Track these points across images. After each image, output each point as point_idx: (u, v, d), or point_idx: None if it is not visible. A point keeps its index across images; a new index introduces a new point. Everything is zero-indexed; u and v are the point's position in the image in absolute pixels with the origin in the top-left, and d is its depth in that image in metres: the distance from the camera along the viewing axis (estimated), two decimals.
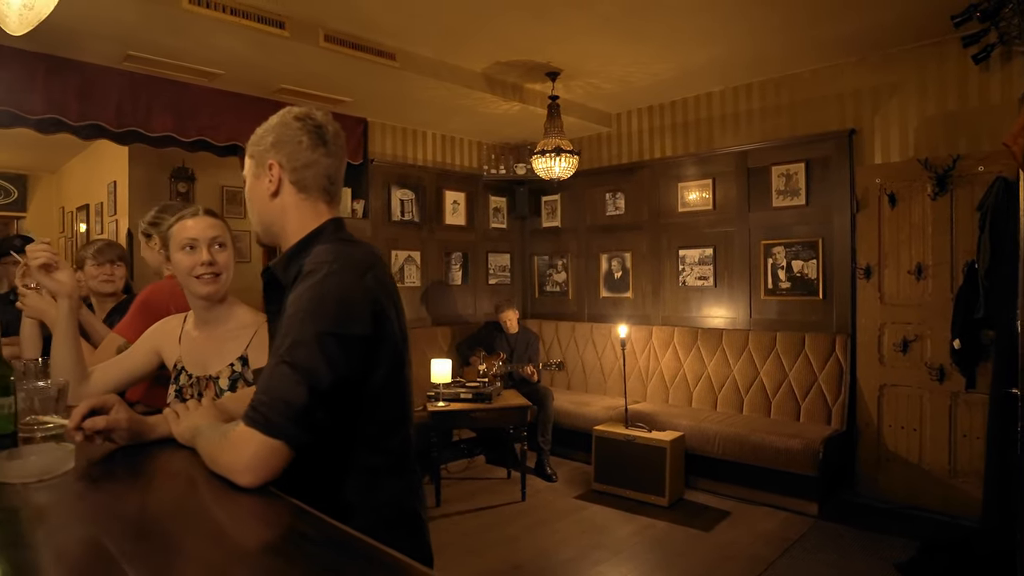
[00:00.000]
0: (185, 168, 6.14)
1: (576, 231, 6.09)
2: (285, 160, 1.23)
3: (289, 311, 1.10)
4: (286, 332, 1.07)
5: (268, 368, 1.07)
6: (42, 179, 8.43)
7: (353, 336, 1.08)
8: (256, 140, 1.28)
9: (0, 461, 1.03)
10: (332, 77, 4.27)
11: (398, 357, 1.19)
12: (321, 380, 1.03)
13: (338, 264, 1.12)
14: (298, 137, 1.23)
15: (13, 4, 1.40)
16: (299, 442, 1.02)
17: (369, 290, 1.13)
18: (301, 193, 1.25)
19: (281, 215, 1.25)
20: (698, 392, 5.08)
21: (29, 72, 3.62)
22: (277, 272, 1.24)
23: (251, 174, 1.29)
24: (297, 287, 1.12)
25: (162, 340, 1.77)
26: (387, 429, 1.19)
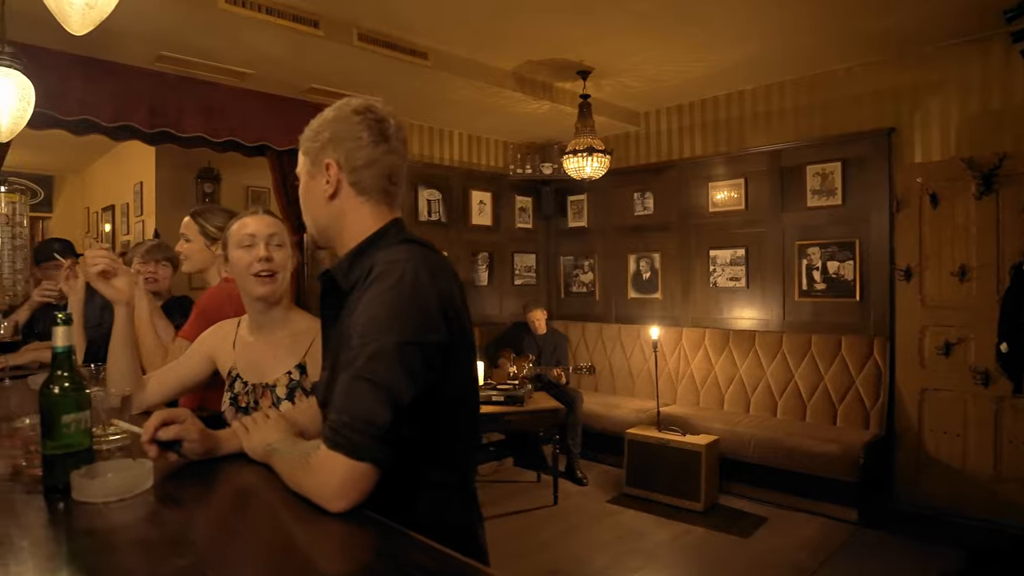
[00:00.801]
0: (211, 169, 6.14)
1: (603, 231, 6.02)
2: (343, 159, 1.15)
3: (362, 318, 1.02)
4: (362, 342, 1.00)
5: (344, 384, 0.99)
6: (67, 180, 8.47)
7: (432, 344, 1.02)
8: (311, 136, 1.19)
9: (79, 479, 0.99)
10: (363, 76, 4.23)
11: (468, 365, 1.14)
12: (403, 395, 0.97)
13: (412, 266, 1.05)
14: (357, 133, 1.15)
15: (76, 3, 1.36)
16: (388, 462, 0.96)
17: (443, 293, 1.07)
18: (361, 196, 1.17)
19: (339, 218, 1.18)
20: (730, 395, 5.00)
21: (64, 74, 3.61)
22: (337, 276, 1.17)
23: (305, 173, 1.20)
24: (367, 291, 1.05)
25: (216, 345, 1.73)
26: (456, 444, 1.14)
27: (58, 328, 1.05)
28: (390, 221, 1.19)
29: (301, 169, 1.22)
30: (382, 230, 1.18)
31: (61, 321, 1.05)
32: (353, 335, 1.02)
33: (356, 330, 1.02)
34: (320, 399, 1.21)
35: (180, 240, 2.26)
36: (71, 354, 1.06)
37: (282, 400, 1.60)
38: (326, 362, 1.20)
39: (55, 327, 1.05)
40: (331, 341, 1.18)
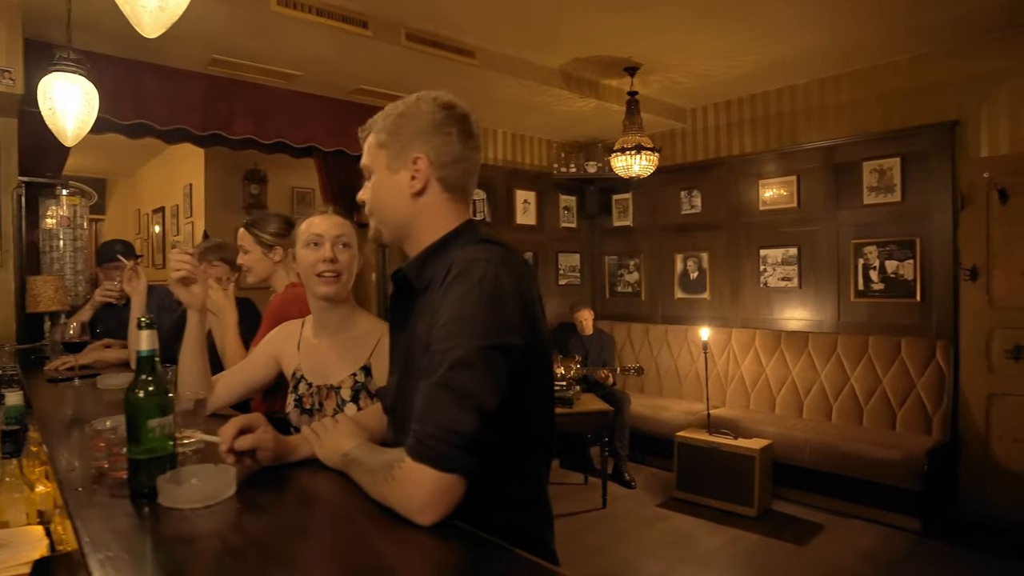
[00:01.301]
0: (257, 170, 6.23)
1: (649, 230, 5.93)
2: (434, 154, 1.11)
3: (441, 321, 0.98)
4: (443, 347, 0.96)
5: (426, 393, 0.95)
6: (119, 183, 8.72)
7: (515, 348, 0.97)
8: (392, 128, 1.14)
9: (165, 484, 0.98)
10: (409, 76, 4.23)
11: (547, 371, 1.10)
12: (488, 401, 0.93)
13: (493, 266, 1.00)
14: (447, 128, 1.12)
15: (148, 5, 1.36)
16: (475, 472, 0.93)
17: (525, 295, 1.03)
18: (446, 192, 1.14)
19: (420, 215, 1.14)
20: (782, 397, 4.86)
21: (121, 79, 3.68)
22: (410, 276, 1.13)
23: (383, 167, 1.15)
24: (446, 293, 1.00)
25: (280, 347, 1.72)
26: (532, 454, 1.09)
27: (142, 332, 1.04)
28: (465, 221, 1.16)
29: (375, 163, 1.16)
30: (458, 230, 1.14)
31: (145, 325, 1.04)
32: (433, 339, 0.99)
33: (436, 334, 0.98)
34: (388, 403, 1.18)
35: (240, 252, 2.28)
36: (155, 358, 1.05)
37: (347, 402, 1.59)
38: (395, 365, 1.17)
39: (139, 330, 1.04)
40: (401, 343, 1.15)
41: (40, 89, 2.45)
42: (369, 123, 1.19)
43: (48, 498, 1.25)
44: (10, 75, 3.06)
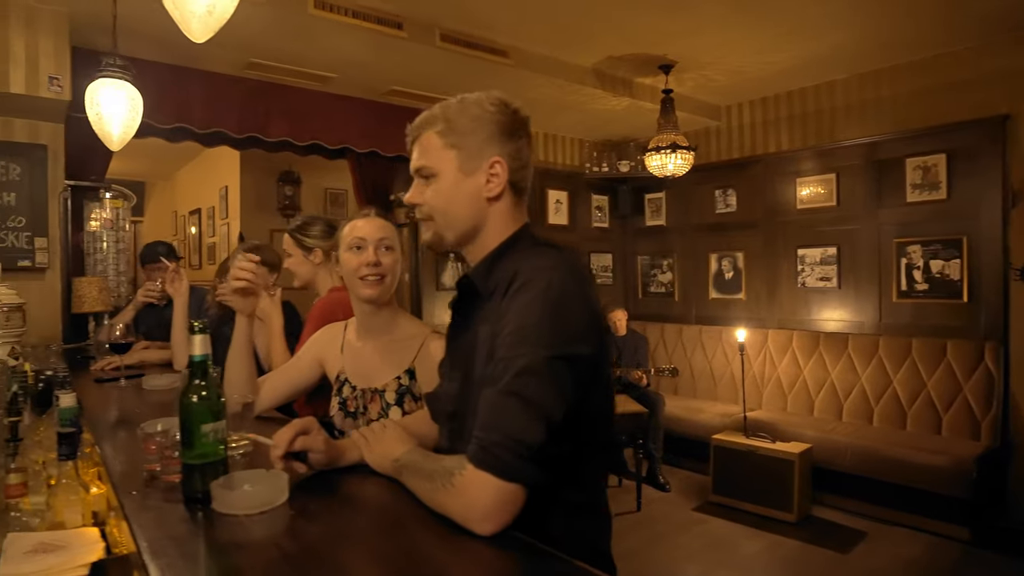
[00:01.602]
0: (291, 172, 6.31)
1: (682, 230, 5.85)
2: (509, 158, 1.10)
3: (508, 328, 0.97)
4: (509, 355, 0.94)
5: (491, 400, 0.94)
6: (157, 185, 8.90)
7: (581, 357, 0.96)
8: (463, 128, 1.10)
9: (219, 490, 0.98)
10: (442, 77, 4.23)
11: (608, 378, 1.07)
12: (555, 411, 0.91)
13: (560, 274, 0.99)
14: (519, 132, 1.11)
15: (197, 10, 1.37)
16: (538, 483, 0.91)
17: (591, 303, 1.01)
18: (515, 196, 1.13)
19: (490, 220, 1.12)
20: (821, 400, 4.75)
21: (162, 84, 3.75)
22: (477, 281, 1.12)
23: (454, 169, 1.11)
24: (512, 300, 0.99)
25: (324, 350, 1.73)
26: (592, 461, 1.08)
27: (195, 337, 1.04)
28: (524, 224, 1.15)
29: (443, 164, 1.12)
30: (518, 233, 1.13)
31: (198, 330, 1.04)
32: (498, 347, 0.97)
33: (502, 342, 0.97)
34: (447, 409, 1.17)
35: (285, 256, 2.29)
36: (208, 362, 1.05)
37: (391, 406, 1.58)
38: (455, 371, 1.16)
39: (192, 335, 1.04)
40: (462, 348, 1.13)
41: (88, 95, 2.50)
42: (422, 122, 1.15)
43: (102, 499, 1.27)
44: (58, 82, 3.13)
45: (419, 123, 1.15)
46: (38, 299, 3.36)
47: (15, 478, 1.12)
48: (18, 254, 3.31)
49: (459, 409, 1.11)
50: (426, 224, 1.16)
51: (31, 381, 1.69)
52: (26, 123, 3.36)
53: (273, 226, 6.32)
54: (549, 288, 0.96)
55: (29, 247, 3.34)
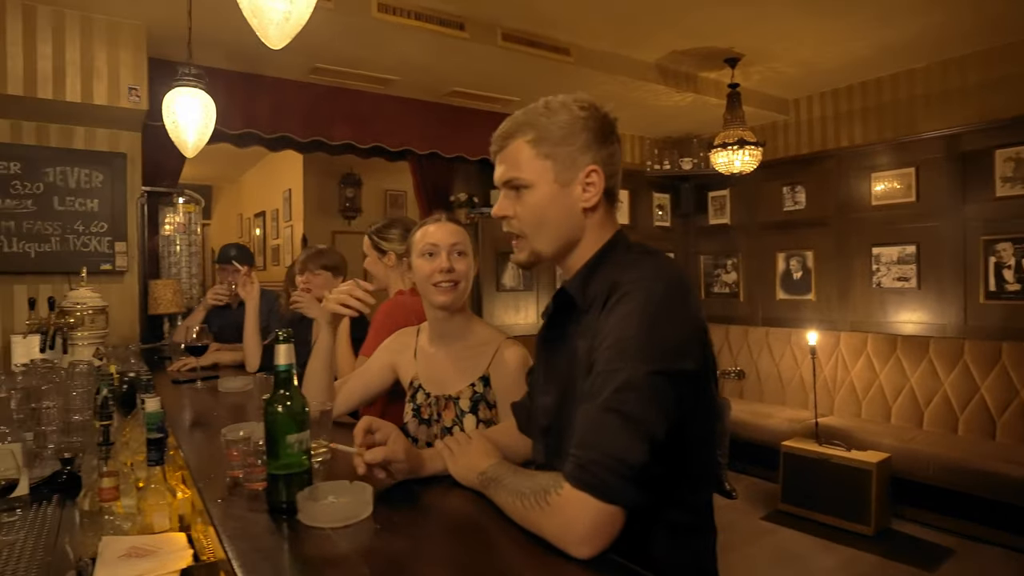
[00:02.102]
0: (353, 174, 6.41)
1: (747, 228, 5.66)
2: (603, 165, 1.06)
3: (607, 342, 0.92)
4: (609, 369, 0.90)
5: (590, 416, 0.89)
6: (224, 189, 9.21)
7: (686, 373, 0.91)
8: (556, 137, 1.05)
9: (305, 502, 0.97)
10: (503, 77, 4.21)
11: (713, 395, 1.02)
12: (657, 429, 0.87)
13: (662, 285, 0.94)
14: (611, 137, 1.07)
15: (274, 17, 1.38)
16: (639, 505, 0.86)
17: (694, 315, 0.96)
18: (609, 203, 1.09)
19: (588, 230, 1.08)
20: (898, 407, 4.51)
21: (231, 91, 3.85)
22: (574, 293, 1.07)
23: (550, 180, 1.06)
24: (611, 312, 0.94)
25: (397, 355, 1.72)
26: (697, 482, 1.02)
27: (280, 346, 1.03)
28: (618, 230, 1.11)
29: (538, 175, 1.06)
30: (612, 240, 1.08)
31: (283, 339, 1.03)
32: (596, 361, 0.93)
33: (600, 356, 0.92)
34: (542, 423, 1.13)
35: (364, 259, 2.30)
36: (293, 372, 1.04)
37: (466, 413, 1.55)
38: (550, 384, 1.12)
39: (277, 344, 1.03)
40: (558, 362, 1.09)
41: (164, 104, 2.58)
42: (509, 130, 1.09)
43: (187, 503, 1.28)
44: (137, 92, 3.25)
45: (505, 131, 1.10)
46: (118, 301, 3.50)
47: (108, 482, 1.14)
48: (100, 258, 3.45)
49: (555, 424, 1.07)
50: (518, 242, 1.12)
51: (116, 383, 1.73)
52: (107, 132, 3.51)
53: (335, 228, 6.44)
54: (649, 300, 0.92)
55: (110, 251, 3.48)
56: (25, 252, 3.29)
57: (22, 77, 3.01)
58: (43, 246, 3.33)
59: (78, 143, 3.45)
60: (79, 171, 3.40)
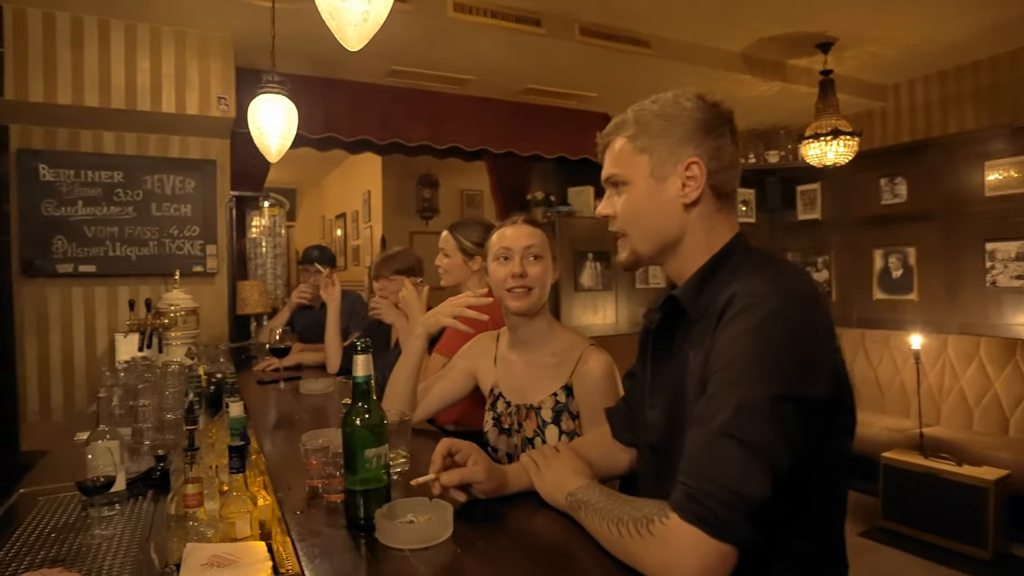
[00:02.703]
0: (430, 175, 6.48)
1: (840, 224, 5.32)
2: (707, 158, 0.97)
3: (723, 360, 0.84)
4: (725, 391, 0.81)
5: (704, 442, 0.81)
6: (307, 192, 9.54)
7: (813, 399, 0.81)
8: (655, 130, 1.00)
9: (383, 520, 0.93)
10: (580, 72, 4.12)
11: (851, 421, 0.90)
12: (781, 460, 0.77)
13: (782, 298, 0.85)
14: (719, 128, 0.99)
15: (352, 19, 1.36)
16: (756, 545, 0.77)
17: (825, 332, 0.86)
18: (719, 201, 1.00)
19: (690, 230, 1.00)
20: (1018, 419, 4.11)
21: (313, 96, 3.94)
22: (685, 303, 0.99)
23: (645, 175, 1.01)
24: (727, 326, 0.86)
25: (476, 361, 1.67)
26: (828, 513, 0.92)
27: (358, 357, 1.00)
28: (736, 234, 1.01)
29: (633, 171, 1.02)
30: (730, 245, 0.99)
31: (361, 349, 1.00)
32: (711, 381, 0.84)
33: (716, 376, 0.84)
34: (650, 441, 1.04)
35: (439, 254, 2.27)
36: (372, 384, 1.00)
37: (548, 424, 1.49)
38: (658, 397, 1.03)
39: (355, 355, 1.00)
40: (667, 375, 1.01)
41: (249, 111, 2.65)
42: (612, 127, 1.06)
43: (268, 509, 1.27)
44: (225, 101, 3.37)
45: (610, 129, 1.07)
46: (209, 302, 3.65)
47: (192, 488, 1.15)
48: (193, 260, 3.61)
49: (665, 443, 0.99)
50: (621, 241, 1.06)
51: (204, 384, 1.77)
52: (199, 141, 3.66)
53: (413, 228, 6.53)
54: (770, 317, 0.83)
55: (201, 254, 3.63)
56: (127, 256, 3.48)
57: (124, 91, 3.17)
58: (142, 250, 3.51)
59: (173, 151, 3.62)
60: (174, 178, 3.56)
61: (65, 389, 3.43)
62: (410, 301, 2.12)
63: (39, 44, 3.04)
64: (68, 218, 3.35)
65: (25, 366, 3.37)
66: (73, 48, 3.09)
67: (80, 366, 3.46)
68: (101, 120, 3.34)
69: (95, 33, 3.13)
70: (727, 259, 0.97)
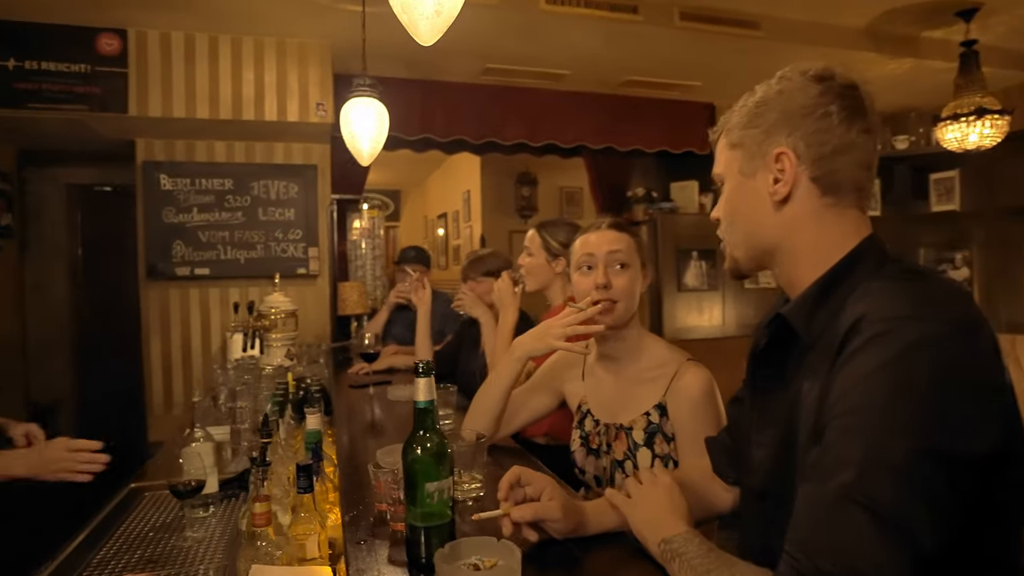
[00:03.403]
0: (528, 173, 6.42)
1: (983, 215, 4.73)
2: (803, 146, 0.81)
3: (848, 402, 0.67)
4: (847, 440, 0.65)
5: (822, 504, 0.65)
6: (411, 193, 9.78)
7: (969, 457, 0.63)
8: (745, 120, 0.87)
9: (442, 563, 0.84)
10: (681, 61, 3.88)
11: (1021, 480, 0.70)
12: (924, 538, 0.60)
13: (929, 322, 0.67)
14: (822, 107, 0.81)
15: (425, 11, 1.29)
16: None
17: (987, 369, 0.67)
18: (827, 196, 0.82)
19: (791, 232, 0.84)
20: None
21: (407, 99, 3.97)
22: (795, 323, 0.82)
23: (735, 171, 0.88)
24: (852, 358, 0.69)
25: (563, 373, 1.56)
26: (991, 567, 0.72)
27: (420, 380, 0.91)
28: (865, 239, 0.82)
29: (728, 168, 0.90)
30: (855, 252, 0.80)
31: (422, 371, 0.91)
32: (831, 426, 0.68)
33: (837, 420, 0.67)
34: (756, 485, 0.89)
35: (523, 253, 2.17)
36: (434, 410, 0.91)
37: (639, 446, 1.35)
38: (765, 433, 0.88)
39: (417, 377, 0.91)
40: (776, 406, 0.85)
41: (342, 115, 2.67)
42: (721, 121, 0.94)
43: (338, 529, 1.23)
44: (323, 107, 3.45)
45: (720, 122, 0.95)
46: (312, 303, 3.76)
47: (260, 507, 1.10)
48: (296, 263, 3.73)
49: (772, 490, 0.83)
50: (722, 246, 0.94)
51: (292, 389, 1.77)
52: (301, 147, 3.79)
53: (512, 227, 6.49)
54: (914, 349, 0.65)
55: (304, 256, 3.75)
56: (236, 259, 3.65)
57: (231, 102, 3.32)
58: (250, 253, 3.67)
59: (278, 158, 3.76)
60: (278, 183, 3.70)
61: (185, 384, 3.65)
62: (504, 295, 2.03)
63: (157, 63, 3.23)
64: (185, 224, 3.56)
65: (151, 362, 3.61)
66: (187, 64, 3.26)
67: (197, 363, 3.67)
68: (212, 130, 3.52)
69: (206, 49, 3.29)
70: (850, 270, 0.79)
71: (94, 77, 3.15)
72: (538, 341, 1.43)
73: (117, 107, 3.18)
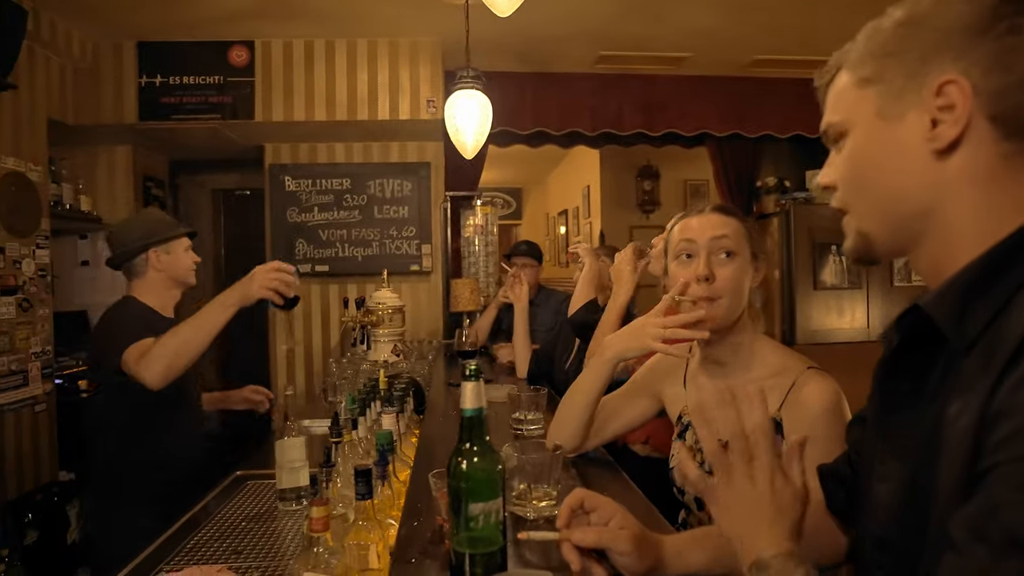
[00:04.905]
0: (650, 166, 6.15)
1: None
2: (980, 72, 0.57)
3: (1013, 423, 0.48)
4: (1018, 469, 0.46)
5: (980, 572, 0.47)
6: (532, 190, 9.77)
7: None
8: (886, 45, 0.63)
9: None
10: (818, 31, 3.47)
11: None
12: None
13: None
14: (1005, 20, 0.57)
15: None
16: None
17: None
18: (1010, 140, 0.58)
19: (950, 193, 0.60)
20: None
21: (519, 93, 3.90)
22: (940, 319, 0.59)
23: (870, 115, 0.64)
24: None
25: (663, 380, 1.38)
26: None
27: (467, 384, 0.80)
28: None
29: (854, 113, 0.67)
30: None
31: (471, 374, 0.80)
32: (994, 468, 0.48)
33: (1011, 465, 0.47)
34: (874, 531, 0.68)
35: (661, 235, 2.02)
36: (483, 419, 0.80)
37: None
38: (889, 467, 0.66)
39: (463, 381, 0.80)
40: (907, 430, 0.64)
41: (446, 109, 2.64)
42: (835, 58, 0.71)
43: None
44: (434, 104, 3.46)
45: (831, 62, 0.71)
46: (425, 299, 3.79)
47: (317, 512, 1.03)
48: (409, 260, 3.78)
49: (897, 538, 0.63)
50: (845, 221, 0.69)
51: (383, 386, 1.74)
52: (415, 145, 3.83)
53: (632, 223, 6.26)
54: None
55: (417, 253, 3.79)
56: (353, 256, 3.76)
57: (346, 103, 3.41)
58: (366, 250, 3.77)
59: (392, 157, 3.83)
60: (392, 182, 3.76)
61: (307, 377, 3.82)
62: (621, 270, 1.88)
63: (280, 70, 3.39)
64: (307, 223, 3.71)
65: (277, 356, 3.81)
66: (306, 69, 3.40)
67: (317, 356, 3.82)
68: (331, 133, 3.65)
69: (323, 54, 3.41)
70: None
71: (226, 87, 3.37)
72: (633, 340, 1.27)
73: (245, 114, 3.38)
